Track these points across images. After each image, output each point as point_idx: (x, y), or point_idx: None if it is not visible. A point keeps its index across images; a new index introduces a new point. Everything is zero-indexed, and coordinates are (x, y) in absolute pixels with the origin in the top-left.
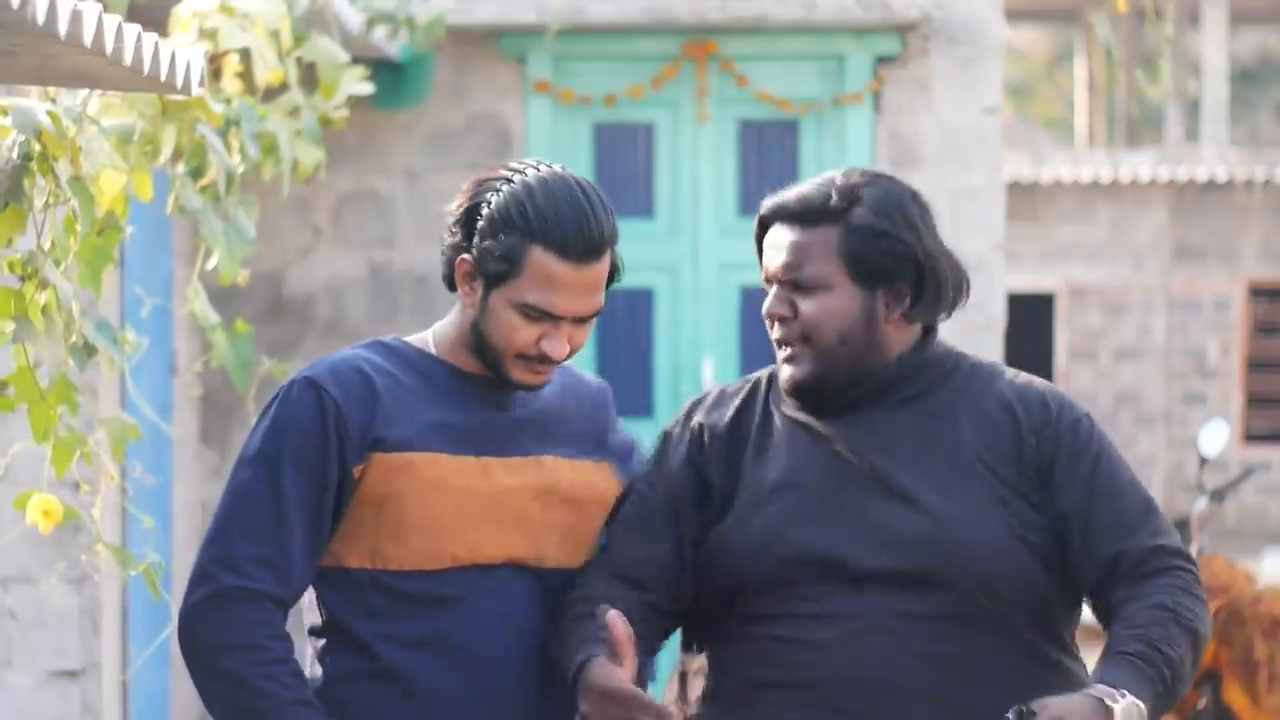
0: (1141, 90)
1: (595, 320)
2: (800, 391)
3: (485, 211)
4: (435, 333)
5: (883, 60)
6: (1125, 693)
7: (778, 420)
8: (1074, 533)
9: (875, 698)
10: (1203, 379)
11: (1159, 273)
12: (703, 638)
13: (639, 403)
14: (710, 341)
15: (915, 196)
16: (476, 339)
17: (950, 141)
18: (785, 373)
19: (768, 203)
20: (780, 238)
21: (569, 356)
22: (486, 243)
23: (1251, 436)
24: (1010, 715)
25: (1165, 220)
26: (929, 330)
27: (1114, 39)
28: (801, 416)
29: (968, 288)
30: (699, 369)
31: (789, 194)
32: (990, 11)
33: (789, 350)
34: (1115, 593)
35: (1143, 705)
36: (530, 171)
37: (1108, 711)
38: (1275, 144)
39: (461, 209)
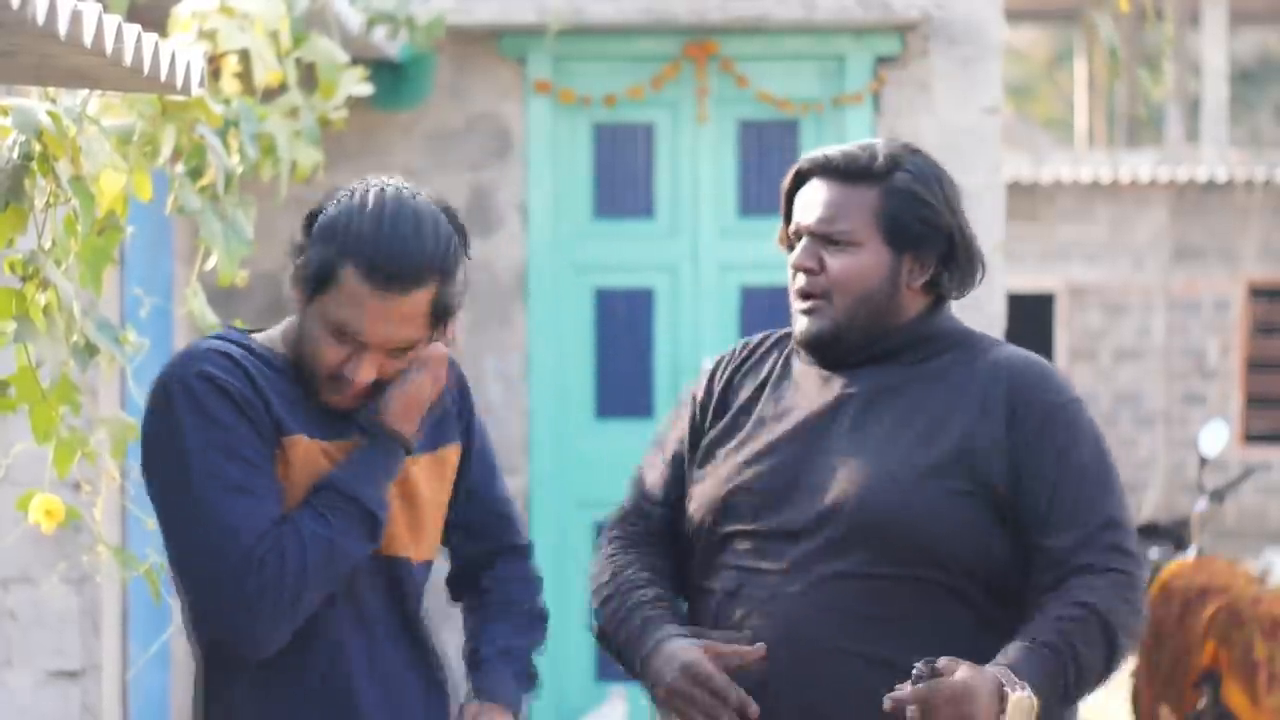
0: (1142, 90)
1: (409, 352)
2: (813, 345)
3: (315, 224)
4: (284, 333)
5: (883, 60)
6: (1025, 684)
7: (778, 370)
8: (1030, 513)
9: (805, 655)
10: (1202, 379)
11: (1159, 273)
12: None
13: (639, 403)
14: (710, 341)
15: (950, 178)
16: (297, 350)
17: (950, 141)
18: (801, 324)
19: (809, 156)
20: (818, 191)
21: (379, 389)
22: (310, 250)
23: (1251, 437)
24: (916, 667)
25: (1165, 220)
26: (939, 301)
27: (1113, 39)
28: (800, 366)
29: (984, 273)
30: (699, 369)
31: (832, 150)
32: (990, 11)
33: (809, 303)
34: (1046, 579)
35: (1035, 700)
36: (377, 189)
37: (1002, 697)
38: (1275, 144)
39: (306, 221)
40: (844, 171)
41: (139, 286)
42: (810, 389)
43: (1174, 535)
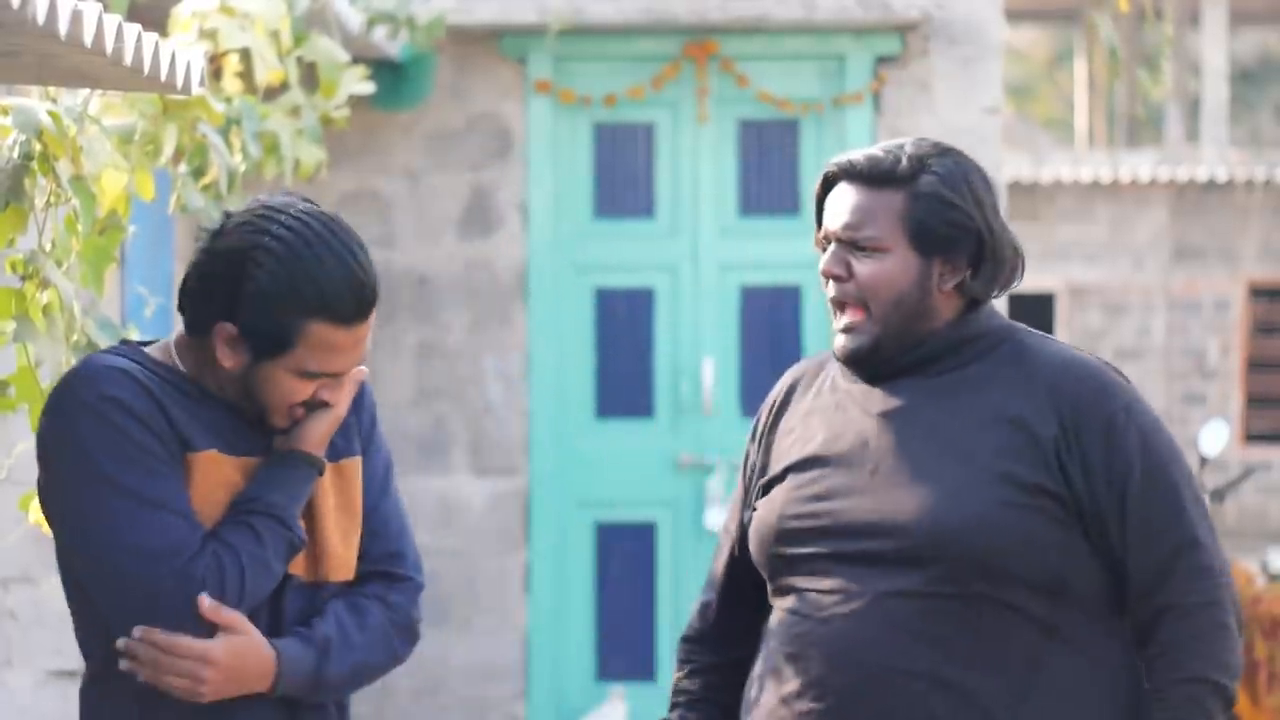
0: (1142, 90)
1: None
2: (854, 360)
3: (250, 287)
4: (176, 350)
5: (883, 60)
6: None
7: (827, 390)
8: (1112, 535)
9: (865, 676)
10: (1203, 379)
11: (1159, 273)
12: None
13: (639, 403)
14: (710, 342)
15: (983, 174)
16: (243, 389)
17: (951, 141)
18: (839, 342)
19: (835, 160)
20: (844, 197)
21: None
22: (254, 320)
23: (1251, 437)
24: None
25: (1165, 220)
26: (977, 301)
27: (1113, 39)
28: (844, 384)
29: (1023, 268)
30: (699, 369)
31: (858, 154)
32: (990, 11)
33: (846, 320)
34: (1139, 612)
35: None
36: (289, 228)
37: None
38: (1275, 144)
39: (216, 272)
40: (868, 176)
41: (142, 286)
42: (855, 408)
43: None
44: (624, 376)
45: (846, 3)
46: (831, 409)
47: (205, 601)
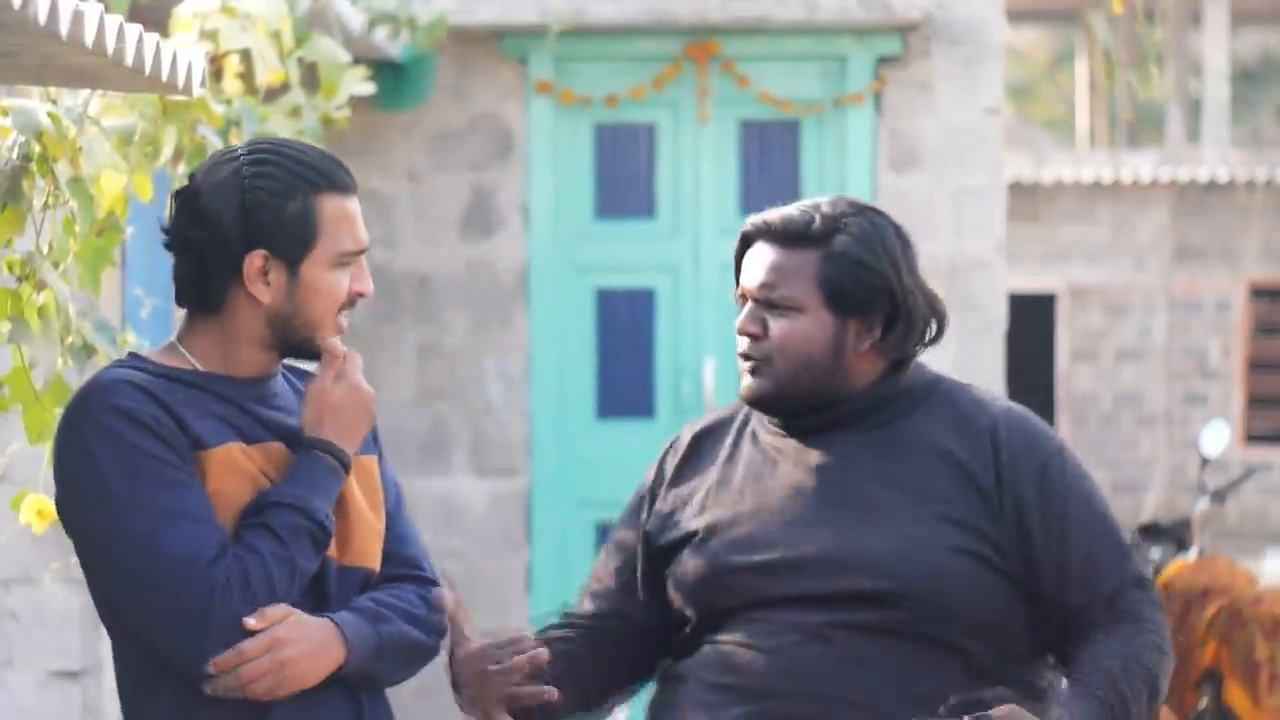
0: (1142, 90)
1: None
2: (759, 404)
3: (256, 199)
4: (184, 346)
5: (884, 61)
6: None
7: (746, 443)
8: (1046, 577)
9: (818, 706)
10: (1204, 379)
11: (1160, 273)
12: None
13: (640, 403)
14: (711, 342)
15: (899, 231)
16: (282, 326)
17: (951, 142)
18: (745, 382)
19: (751, 220)
20: (760, 256)
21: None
22: (273, 229)
23: (1252, 437)
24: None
25: (1166, 221)
26: (901, 362)
27: (1114, 39)
28: (769, 439)
29: (943, 323)
30: (700, 370)
31: (773, 214)
32: (991, 12)
33: (752, 364)
34: (1084, 632)
35: None
36: (247, 149)
37: None
38: (1276, 144)
39: (215, 220)
40: (783, 235)
41: (140, 287)
42: (787, 462)
43: (1175, 536)
44: (625, 377)
45: (848, 3)
46: (760, 461)
47: (249, 622)
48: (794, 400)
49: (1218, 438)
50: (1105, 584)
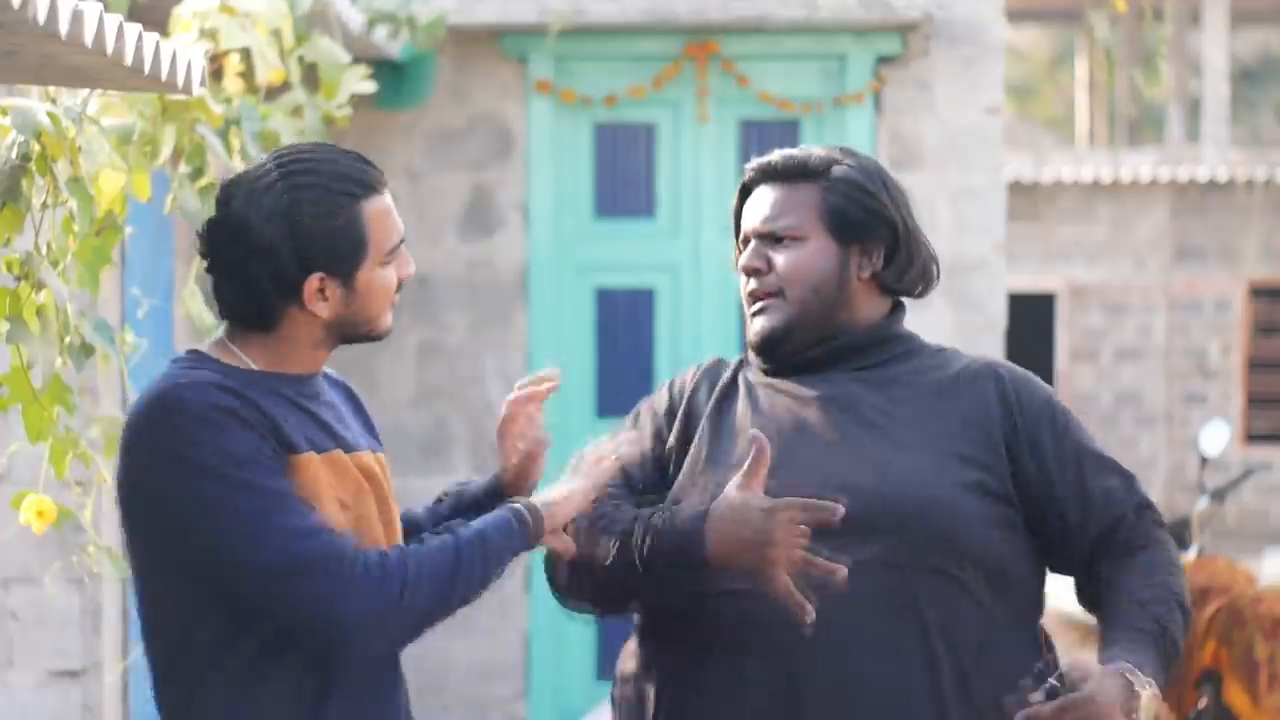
0: (1142, 90)
1: None
2: (768, 343)
3: (297, 228)
4: (241, 350)
5: (884, 60)
6: (1151, 681)
7: (742, 385)
8: (1071, 510)
9: (827, 643)
10: (1203, 379)
11: (1160, 273)
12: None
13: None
14: (711, 341)
15: (896, 181)
16: (339, 328)
17: (951, 141)
18: (755, 325)
19: (748, 166)
20: (761, 196)
21: None
22: (327, 248)
23: (1252, 437)
24: (1050, 682)
25: (1166, 220)
26: (896, 307)
27: (1114, 39)
28: (765, 380)
29: (938, 272)
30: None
31: (773, 154)
32: (991, 11)
33: (761, 303)
34: (1112, 562)
35: (1158, 693)
36: (275, 171)
37: (1135, 697)
38: (1276, 144)
39: (253, 251)
40: (784, 172)
41: (138, 287)
42: (783, 400)
43: (1175, 535)
44: (624, 376)
45: (847, 3)
46: (759, 403)
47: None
48: (803, 335)
49: (1217, 437)
50: (1120, 510)
